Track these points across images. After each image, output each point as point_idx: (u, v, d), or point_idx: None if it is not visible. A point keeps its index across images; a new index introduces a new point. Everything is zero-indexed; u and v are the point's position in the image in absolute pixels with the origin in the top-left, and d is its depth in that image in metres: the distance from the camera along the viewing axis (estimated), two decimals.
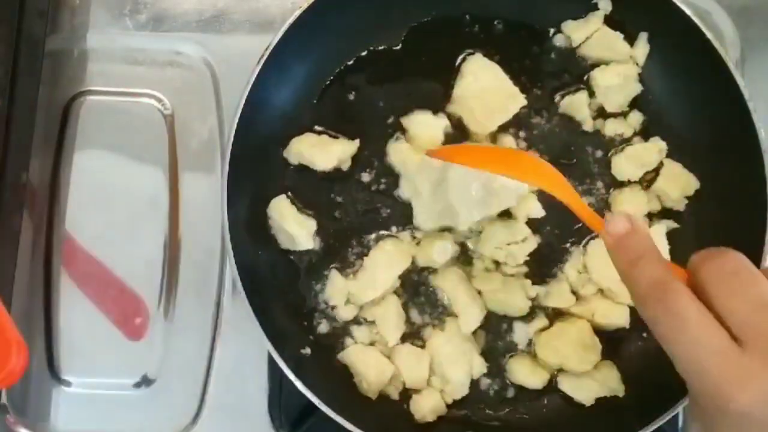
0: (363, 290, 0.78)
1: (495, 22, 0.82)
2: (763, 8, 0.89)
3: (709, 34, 0.74)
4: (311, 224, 0.79)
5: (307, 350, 0.78)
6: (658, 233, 0.78)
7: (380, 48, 0.82)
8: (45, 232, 0.86)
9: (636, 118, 0.81)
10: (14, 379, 0.60)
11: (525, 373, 0.77)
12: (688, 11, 0.74)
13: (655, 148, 0.80)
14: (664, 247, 0.77)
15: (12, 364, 0.59)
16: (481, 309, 0.78)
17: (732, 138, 0.75)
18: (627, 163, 0.80)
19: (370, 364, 0.77)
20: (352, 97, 0.82)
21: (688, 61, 0.77)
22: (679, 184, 0.79)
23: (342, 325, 0.79)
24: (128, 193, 0.86)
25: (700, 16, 0.74)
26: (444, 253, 0.78)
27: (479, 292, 0.78)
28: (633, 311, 0.78)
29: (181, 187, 0.86)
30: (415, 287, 0.80)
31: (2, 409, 0.83)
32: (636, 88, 0.81)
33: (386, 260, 0.78)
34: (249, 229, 0.77)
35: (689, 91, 0.79)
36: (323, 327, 0.79)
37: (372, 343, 0.78)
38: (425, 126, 0.80)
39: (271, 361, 0.81)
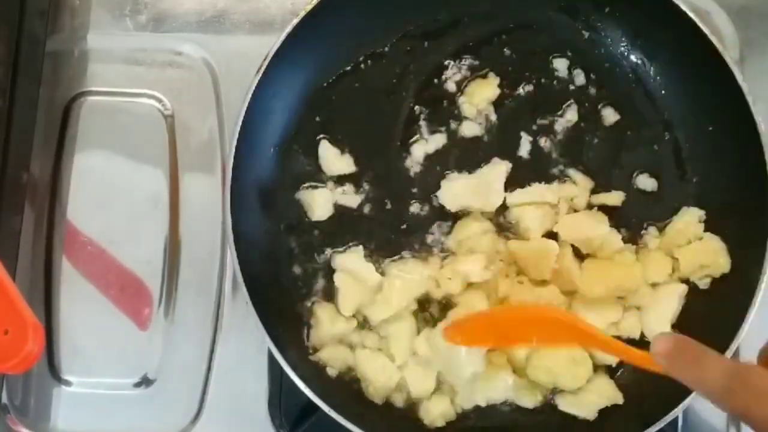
0: (378, 311, 0.76)
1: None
2: (763, 8, 0.89)
3: (706, 30, 0.74)
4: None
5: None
6: (674, 294, 0.77)
7: (378, 51, 0.82)
8: (45, 232, 0.86)
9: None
10: (31, 362, 0.59)
11: (518, 393, 0.76)
12: (687, 11, 0.74)
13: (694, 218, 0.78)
14: (677, 306, 0.77)
15: (29, 346, 0.58)
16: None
17: (732, 136, 0.75)
18: (691, 260, 0.77)
19: (378, 370, 0.76)
20: (351, 101, 0.82)
21: (688, 60, 0.77)
22: (713, 261, 0.76)
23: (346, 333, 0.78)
24: (128, 193, 0.86)
25: (699, 16, 0.74)
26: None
27: (502, 301, 0.77)
28: None
29: (181, 187, 0.86)
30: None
31: (3, 409, 0.83)
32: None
33: (403, 282, 0.76)
34: (250, 232, 0.77)
35: (689, 90, 0.79)
36: None
37: (380, 349, 0.77)
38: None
39: (271, 361, 0.81)
